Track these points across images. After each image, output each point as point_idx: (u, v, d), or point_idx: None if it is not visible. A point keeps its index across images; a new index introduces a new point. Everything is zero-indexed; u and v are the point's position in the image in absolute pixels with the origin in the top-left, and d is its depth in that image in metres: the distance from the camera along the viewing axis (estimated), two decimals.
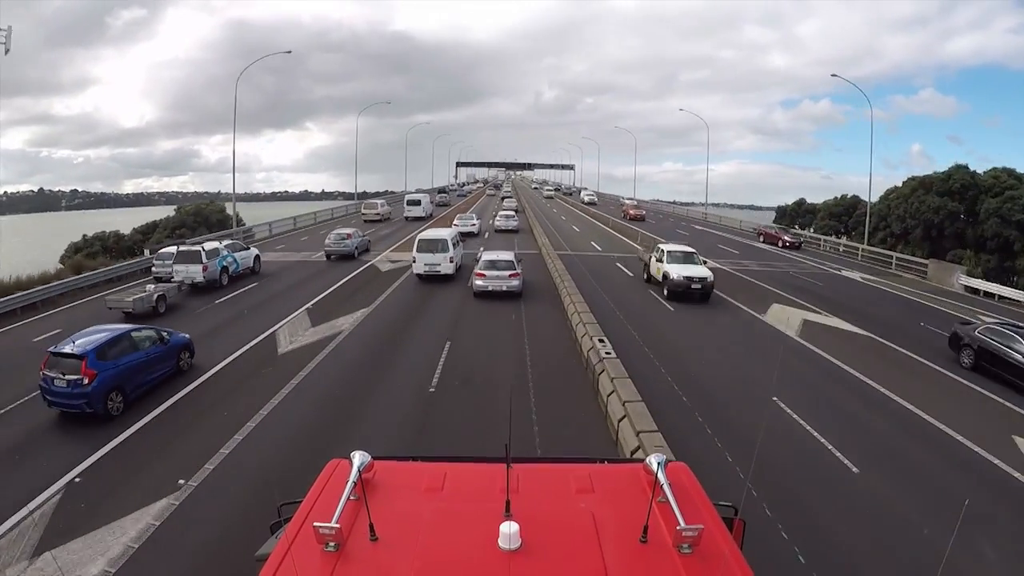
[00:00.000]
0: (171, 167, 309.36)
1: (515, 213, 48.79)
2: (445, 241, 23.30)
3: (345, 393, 12.04)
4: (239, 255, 23.87)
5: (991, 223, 39.67)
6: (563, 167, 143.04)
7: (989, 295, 26.87)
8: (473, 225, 39.59)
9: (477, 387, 12.29)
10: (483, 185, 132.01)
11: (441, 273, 22.86)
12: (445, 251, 22.92)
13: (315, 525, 2.50)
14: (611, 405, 10.35)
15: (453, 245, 23.58)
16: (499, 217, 45.18)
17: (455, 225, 35.78)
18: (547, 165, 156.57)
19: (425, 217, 47.65)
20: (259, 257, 25.63)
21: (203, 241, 26.16)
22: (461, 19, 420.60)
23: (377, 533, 2.58)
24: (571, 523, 2.72)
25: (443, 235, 24.08)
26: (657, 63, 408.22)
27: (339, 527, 2.50)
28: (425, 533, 2.63)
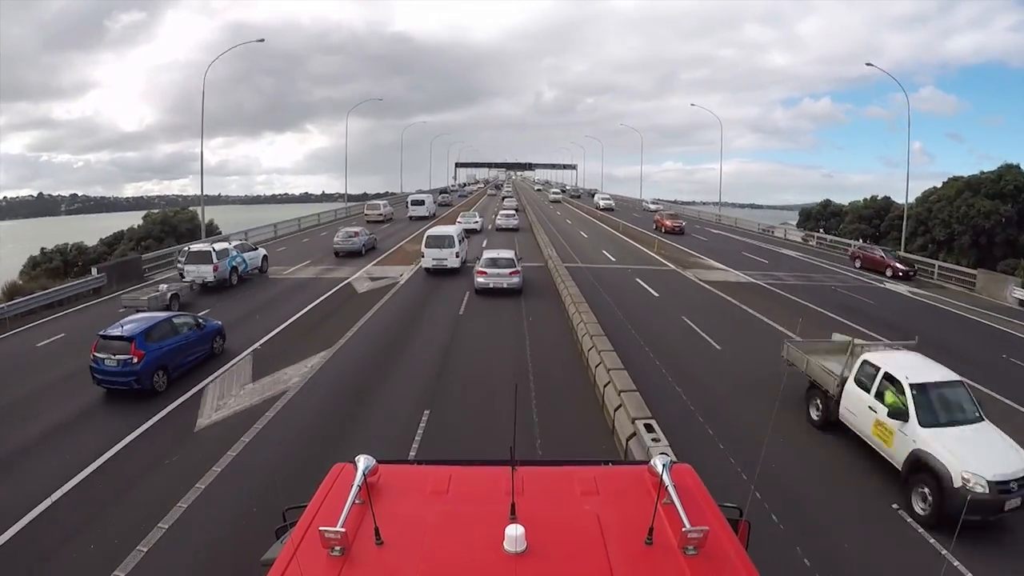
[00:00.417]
0: (171, 170, 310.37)
1: (515, 212, 49.65)
2: (451, 237, 24.62)
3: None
4: (248, 255, 24.19)
5: None
6: (565, 167, 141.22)
7: None
8: (476, 222, 41.21)
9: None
10: (484, 185, 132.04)
11: (448, 267, 24.01)
12: (451, 247, 24.17)
13: (320, 529, 2.49)
14: None
15: (459, 241, 24.75)
16: (500, 216, 46.18)
17: (459, 222, 36.72)
18: (548, 165, 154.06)
19: (428, 216, 48.44)
20: (267, 257, 25.83)
21: (215, 241, 26.28)
22: (461, 19, 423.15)
23: (382, 537, 2.56)
24: (576, 525, 2.71)
25: (449, 232, 25.56)
26: (657, 63, 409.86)
27: (344, 531, 2.49)
28: (430, 536, 2.62)
